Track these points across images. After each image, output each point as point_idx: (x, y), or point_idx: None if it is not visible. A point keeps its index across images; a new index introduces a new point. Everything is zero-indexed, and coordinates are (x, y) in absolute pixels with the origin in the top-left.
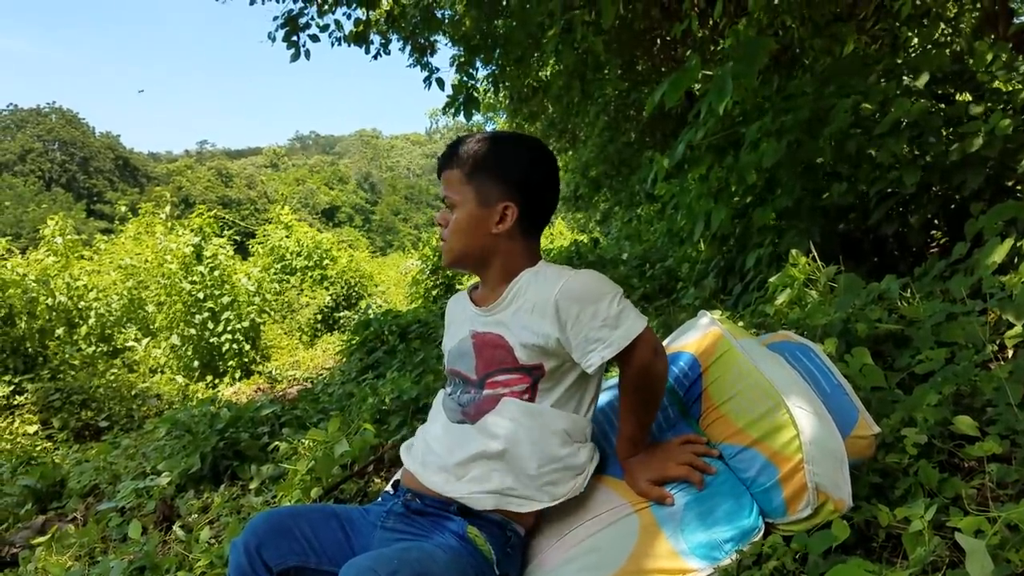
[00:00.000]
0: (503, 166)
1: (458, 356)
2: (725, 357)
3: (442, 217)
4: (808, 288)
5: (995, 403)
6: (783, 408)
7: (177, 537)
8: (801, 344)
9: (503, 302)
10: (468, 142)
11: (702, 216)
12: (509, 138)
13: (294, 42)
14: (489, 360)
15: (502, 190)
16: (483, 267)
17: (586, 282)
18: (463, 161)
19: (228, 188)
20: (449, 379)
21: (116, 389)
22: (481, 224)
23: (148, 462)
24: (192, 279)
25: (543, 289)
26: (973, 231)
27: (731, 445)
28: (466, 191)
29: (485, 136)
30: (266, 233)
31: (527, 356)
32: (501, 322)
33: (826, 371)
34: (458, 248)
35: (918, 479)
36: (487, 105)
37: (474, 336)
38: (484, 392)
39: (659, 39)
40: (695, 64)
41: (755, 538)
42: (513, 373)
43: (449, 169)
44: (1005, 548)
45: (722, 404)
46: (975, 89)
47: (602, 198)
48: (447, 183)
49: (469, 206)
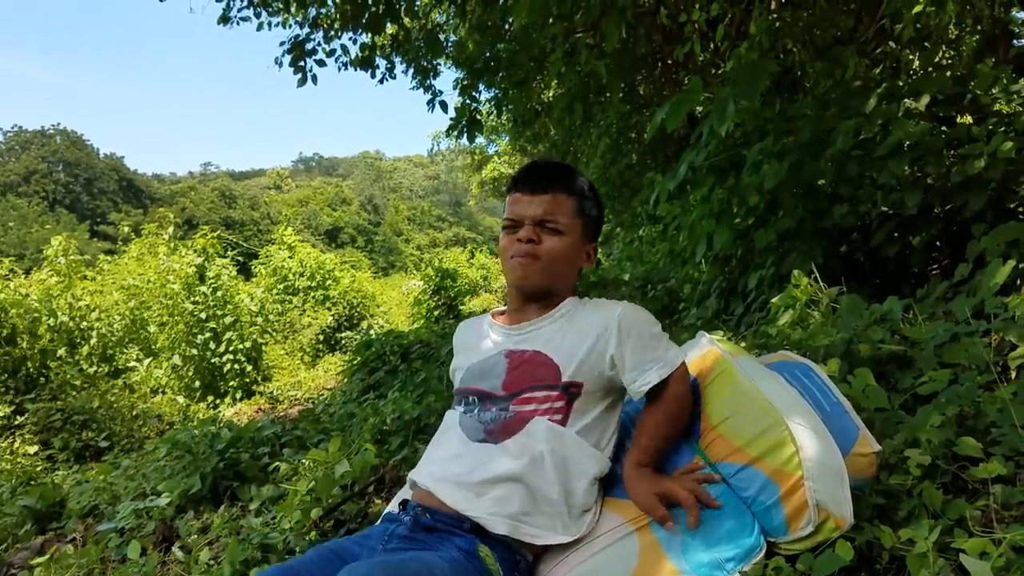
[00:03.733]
0: (599, 210)
1: (480, 374)
2: (723, 376)
3: (534, 232)
4: (810, 309)
5: (999, 424)
6: (782, 425)
7: (176, 558)
8: (801, 363)
9: (547, 320)
10: (575, 175)
11: (704, 237)
12: (582, 173)
13: (301, 67)
14: (525, 377)
15: (594, 232)
16: (547, 295)
17: (641, 311)
18: (577, 192)
19: (231, 209)
20: (461, 399)
21: (117, 409)
22: (577, 258)
23: (148, 483)
24: (195, 299)
25: (599, 311)
26: (975, 252)
27: (731, 464)
28: (576, 223)
29: (574, 168)
30: (269, 254)
31: (571, 372)
32: (544, 337)
33: (826, 390)
34: (554, 274)
35: (922, 500)
36: (490, 128)
37: (509, 355)
38: (512, 409)
39: (661, 63)
40: (696, 87)
41: (757, 557)
42: (551, 390)
43: (560, 194)
44: (1011, 570)
45: (720, 424)
46: (976, 111)
47: (604, 219)
48: (554, 206)
49: (576, 238)
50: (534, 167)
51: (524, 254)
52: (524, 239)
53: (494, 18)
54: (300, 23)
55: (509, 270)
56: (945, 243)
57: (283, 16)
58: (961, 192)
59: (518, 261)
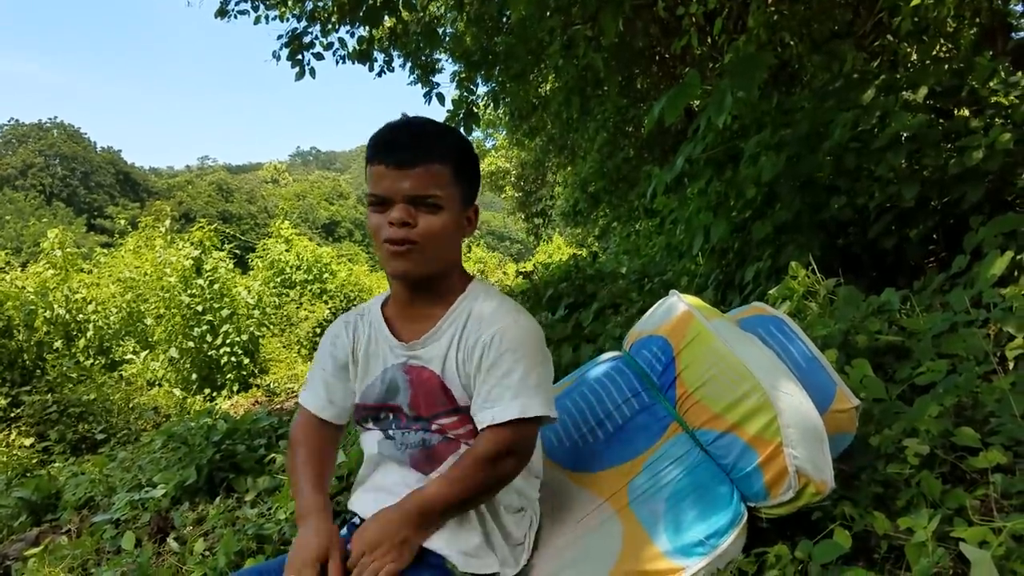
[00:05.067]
0: (475, 161)
1: (386, 392)
2: (698, 340)
3: (407, 213)
4: (807, 301)
5: (998, 414)
6: (760, 391)
7: (171, 549)
8: (774, 316)
9: (439, 331)
10: (446, 134)
11: (701, 230)
12: (451, 126)
13: (298, 60)
14: (430, 398)
15: (473, 192)
16: (431, 286)
17: (523, 335)
18: (452, 156)
19: (229, 203)
20: (369, 416)
21: (114, 402)
22: (459, 231)
23: (144, 474)
24: (191, 292)
25: (488, 321)
26: (972, 244)
27: (709, 431)
28: (454, 192)
29: (443, 125)
30: (266, 247)
31: (463, 396)
32: (437, 355)
33: (801, 344)
34: (437, 257)
35: (920, 490)
36: (487, 121)
37: (408, 370)
38: (433, 436)
39: (658, 56)
40: (694, 80)
41: (739, 525)
42: (453, 415)
43: (433, 164)
44: (1011, 559)
45: (697, 390)
46: (974, 103)
47: (601, 213)
48: (428, 179)
49: (456, 209)
50: (398, 131)
51: (400, 240)
52: (397, 222)
53: (491, 11)
54: (297, 16)
55: (384, 258)
56: (942, 235)
57: (280, 9)
58: (958, 184)
59: (393, 250)
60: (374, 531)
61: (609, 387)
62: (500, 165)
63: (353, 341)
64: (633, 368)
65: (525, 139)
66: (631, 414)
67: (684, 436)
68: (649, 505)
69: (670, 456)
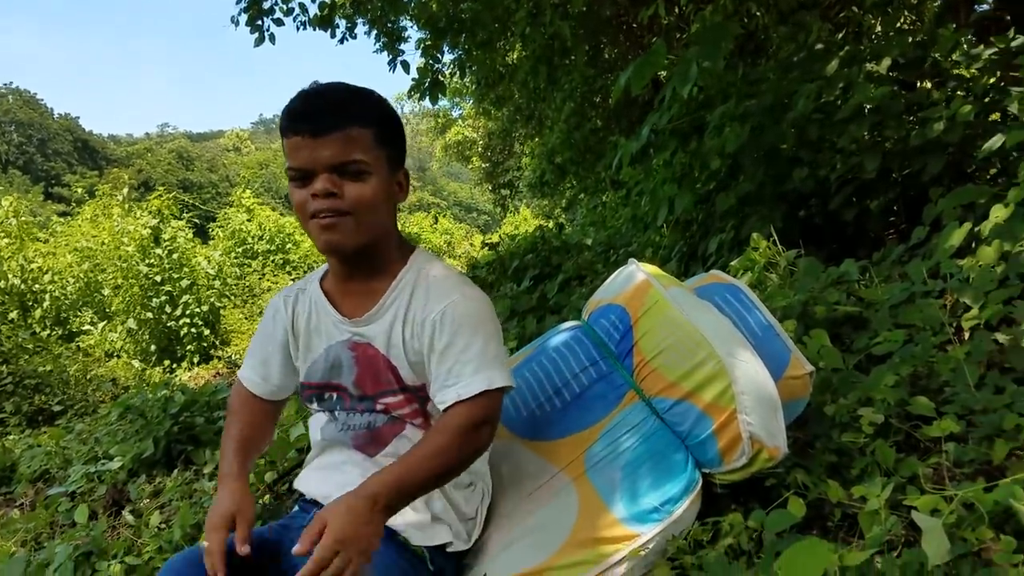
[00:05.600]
0: (398, 123)
1: (330, 370)
2: (655, 308)
3: (331, 183)
4: (768, 272)
5: (952, 384)
6: (715, 359)
7: (126, 522)
8: (730, 284)
9: (380, 310)
10: (365, 97)
11: (666, 202)
12: (368, 88)
13: (258, 26)
14: (375, 377)
15: (401, 156)
16: (367, 257)
17: (474, 307)
18: (373, 119)
19: (189, 171)
20: (314, 395)
21: (71, 374)
22: (390, 196)
23: (100, 447)
24: (150, 262)
25: (434, 297)
26: (932, 216)
27: (665, 399)
28: (379, 155)
29: (359, 87)
30: (227, 216)
31: (409, 375)
32: (381, 331)
33: (756, 312)
34: (370, 225)
35: (875, 459)
36: (453, 90)
37: (353, 347)
38: (378, 416)
39: (625, 26)
40: (660, 50)
41: (693, 492)
42: (399, 393)
43: (353, 127)
44: (961, 527)
45: (654, 358)
46: (937, 75)
47: (567, 184)
48: (350, 145)
49: (383, 173)
50: (311, 98)
51: (328, 212)
52: (321, 193)
53: None
54: None
55: (313, 234)
56: (902, 207)
57: None
58: (919, 156)
59: (322, 223)
60: (343, 523)
61: (567, 356)
62: (467, 135)
63: (293, 317)
64: (591, 337)
65: (492, 108)
66: (589, 383)
67: (641, 404)
68: (606, 473)
69: (627, 424)
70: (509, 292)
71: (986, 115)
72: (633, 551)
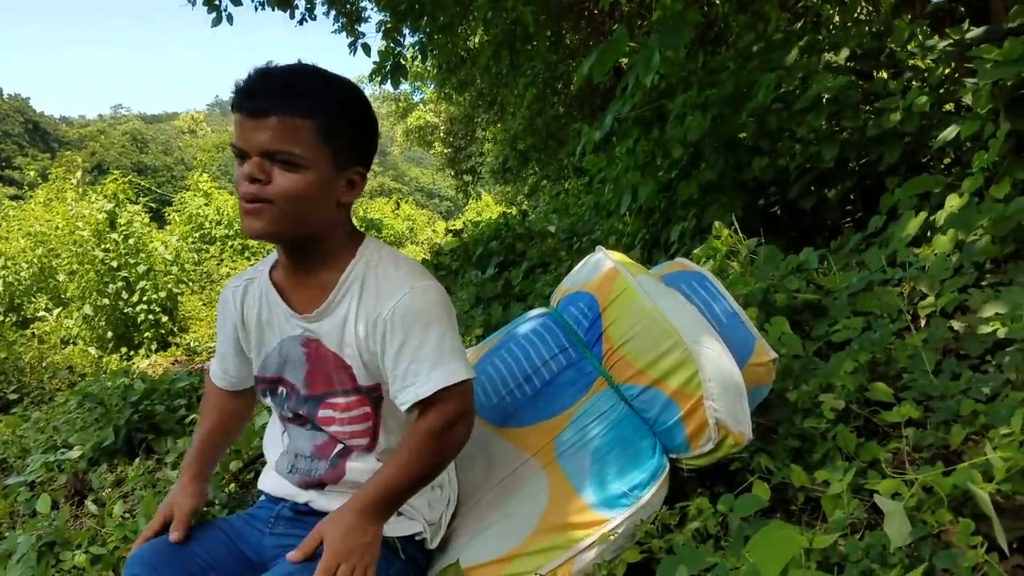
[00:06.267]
0: (361, 120)
1: (284, 364)
2: (623, 297)
3: (260, 169)
4: (730, 260)
5: (910, 370)
6: (682, 346)
7: (89, 511)
8: (695, 272)
9: (330, 307)
10: (316, 85)
11: (629, 189)
12: (339, 77)
13: (215, 6)
14: (325, 376)
15: (358, 153)
16: (309, 249)
17: (425, 301)
18: (319, 113)
19: (143, 154)
20: (267, 392)
21: (26, 361)
22: (330, 194)
23: (59, 435)
24: (105, 247)
25: (386, 292)
26: (888, 205)
27: (633, 386)
28: (321, 151)
29: (324, 74)
30: (183, 200)
31: (363, 375)
32: (334, 328)
33: (721, 299)
34: (296, 220)
35: (836, 444)
36: (415, 74)
37: (305, 343)
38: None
39: (587, 12)
40: (622, 36)
41: (661, 477)
42: (351, 395)
43: (290, 117)
44: (922, 510)
45: (622, 346)
46: (893, 66)
47: (530, 171)
48: (284, 135)
49: (323, 170)
50: (260, 78)
51: (250, 198)
52: (246, 177)
53: None
54: None
55: (240, 214)
56: (859, 196)
57: None
58: (876, 146)
59: (245, 207)
60: (338, 539)
61: (536, 343)
62: (429, 120)
63: (242, 310)
64: (560, 324)
65: (454, 93)
66: (558, 370)
67: (610, 391)
68: (575, 459)
69: (596, 411)
70: (474, 279)
71: (941, 106)
72: (602, 536)
